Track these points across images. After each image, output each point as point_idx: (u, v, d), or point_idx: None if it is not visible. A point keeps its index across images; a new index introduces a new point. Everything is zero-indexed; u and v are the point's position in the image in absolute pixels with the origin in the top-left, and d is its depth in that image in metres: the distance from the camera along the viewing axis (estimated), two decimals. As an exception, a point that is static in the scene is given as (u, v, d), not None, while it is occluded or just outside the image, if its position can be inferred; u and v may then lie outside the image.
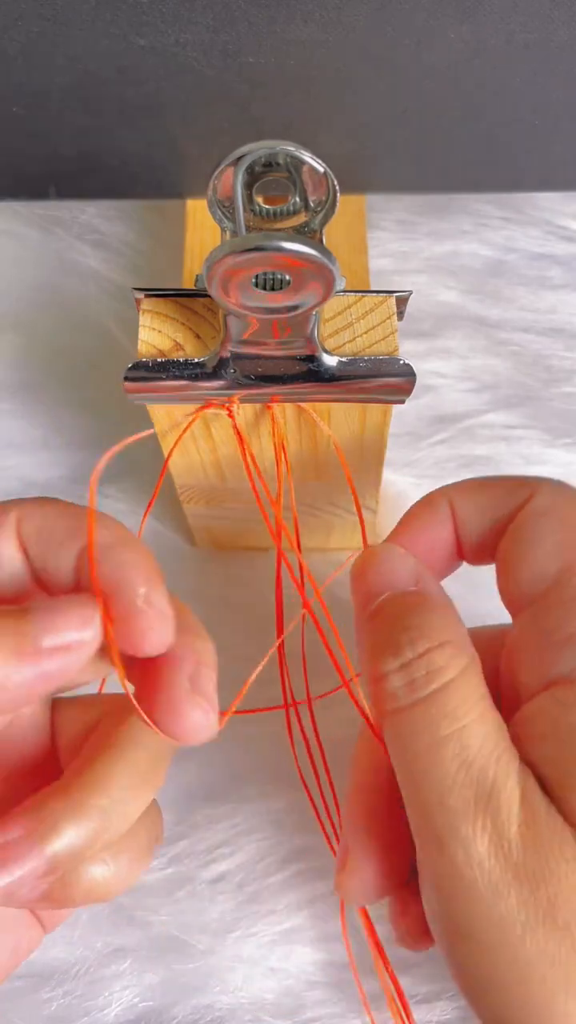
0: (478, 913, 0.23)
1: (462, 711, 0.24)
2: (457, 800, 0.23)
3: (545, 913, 0.22)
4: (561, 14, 0.33)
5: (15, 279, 0.49)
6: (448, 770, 0.24)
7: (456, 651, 0.25)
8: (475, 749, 0.24)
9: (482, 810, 0.23)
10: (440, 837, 0.24)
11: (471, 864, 0.23)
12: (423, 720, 0.24)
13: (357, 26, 0.33)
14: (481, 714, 0.24)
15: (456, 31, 0.34)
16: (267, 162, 0.26)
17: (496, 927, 0.23)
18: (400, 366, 0.29)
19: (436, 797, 0.24)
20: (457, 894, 0.23)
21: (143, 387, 0.29)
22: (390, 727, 0.25)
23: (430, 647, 0.25)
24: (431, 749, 0.24)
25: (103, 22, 0.33)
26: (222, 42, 0.34)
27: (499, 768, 0.24)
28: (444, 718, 0.24)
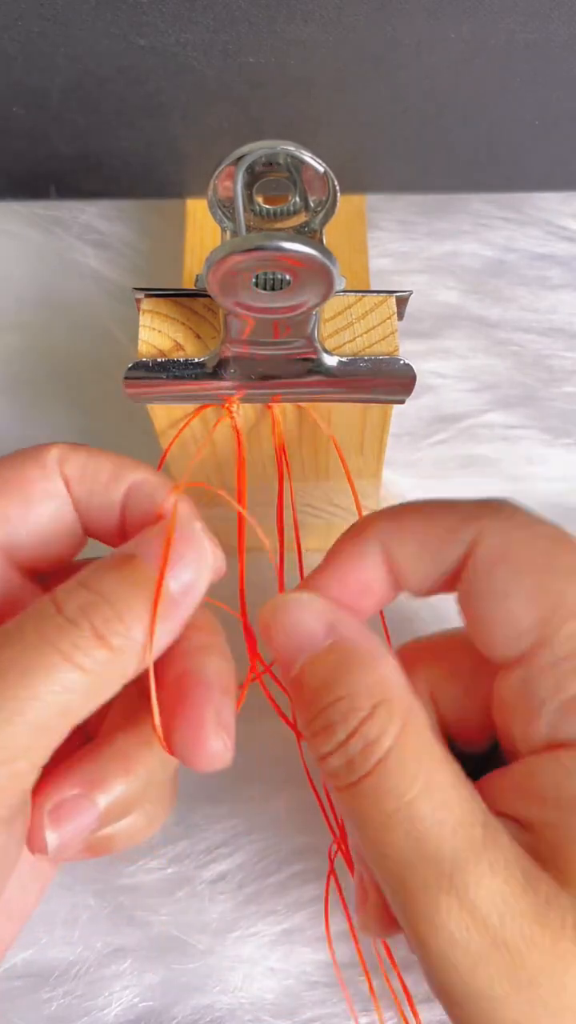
0: (459, 984, 0.22)
1: (405, 784, 0.23)
2: (417, 882, 0.22)
3: (527, 984, 0.21)
4: (561, 14, 0.33)
5: (15, 279, 0.49)
6: (402, 851, 0.22)
7: (388, 713, 0.23)
8: (427, 824, 0.22)
9: (445, 889, 0.22)
10: (409, 917, 0.22)
11: (443, 940, 0.22)
12: (368, 799, 0.23)
13: (357, 26, 0.33)
14: (427, 782, 0.23)
15: (456, 31, 0.34)
16: (267, 162, 0.26)
17: (477, 998, 0.22)
18: (400, 366, 0.29)
19: (397, 879, 0.23)
20: (435, 965, 0.22)
21: (143, 387, 0.29)
22: (341, 803, 0.24)
23: (362, 718, 0.23)
24: (382, 827, 0.23)
25: (103, 22, 0.33)
26: (222, 42, 0.34)
27: (458, 840, 0.22)
28: (388, 794, 0.23)
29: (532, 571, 0.24)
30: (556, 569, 0.25)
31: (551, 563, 0.25)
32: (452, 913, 0.22)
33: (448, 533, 0.26)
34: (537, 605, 0.24)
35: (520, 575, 0.25)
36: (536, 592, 0.24)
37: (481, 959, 0.21)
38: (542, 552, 0.25)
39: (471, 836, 0.22)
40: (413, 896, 0.22)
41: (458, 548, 0.25)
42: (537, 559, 0.25)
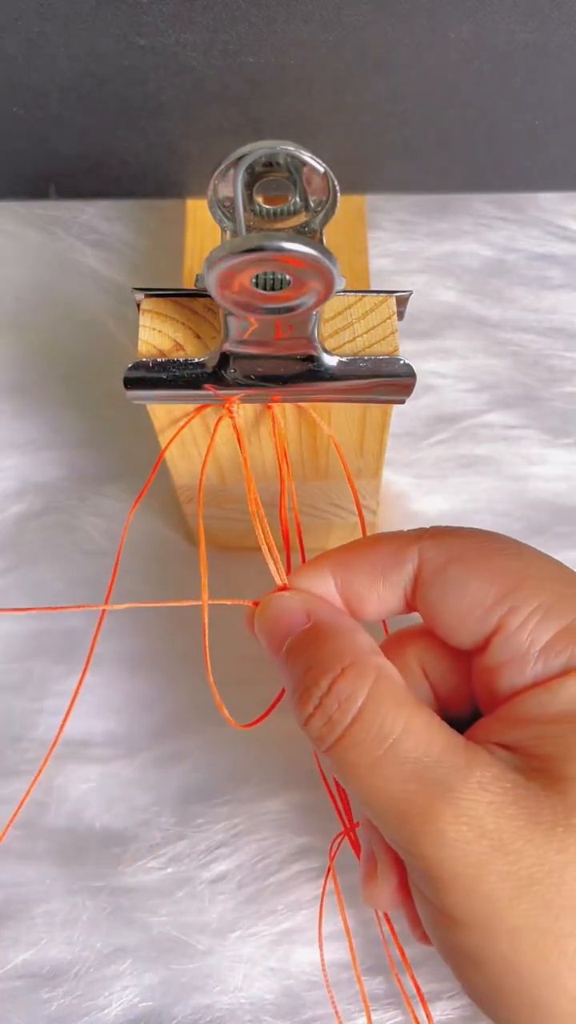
0: (465, 897, 0.24)
1: (387, 727, 0.25)
2: (414, 810, 0.24)
3: (527, 883, 0.23)
4: (561, 14, 0.33)
5: (15, 279, 0.49)
6: (395, 787, 0.24)
7: (358, 671, 0.26)
8: (413, 757, 0.25)
9: (442, 807, 0.24)
10: (412, 846, 0.24)
11: (448, 855, 0.24)
12: (354, 750, 0.25)
13: (357, 26, 0.33)
14: (407, 722, 0.25)
15: (456, 31, 0.34)
16: (267, 162, 0.26)
17: (483, 906, 0.24)
18: (400, 366, 0.29)
19: (394, 814, 0.25)
20: (442, 887, 0.24)
21: (143, 387, 0.29)
22: (330, 763, 0.26)
23: (334, 678, 0.26)
24: (372, 772, 0.25)
25: (103, 22, 0.33)
26: (222, 42, 0.34)
27: (445, 766, 0.24)
28: (372, 741, 0.25)
29: (477, 562, 0.28)
30: (497, 555, 0.28)
31: (491, 553, 0.28)
32: (452, 826, 0.24)
33: (394, 558, 0.29)
34: (492, 585, 0.27)
35: (467, 568, 0.27)
36: (486, 576, 0.27)
37: (483, 864, 0.23)
38: (480, 548, 0.28)
39: (456, 760, 0.24)
40: (413, 824, 0.24)
41: (407, 567, 0.28)
42: (478, 552, 0.28)
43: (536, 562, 0.28)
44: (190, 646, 0.42)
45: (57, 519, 0.44)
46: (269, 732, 0.39)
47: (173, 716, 0.40)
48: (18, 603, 0.42)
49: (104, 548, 0.43)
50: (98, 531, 0.44)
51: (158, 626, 0.42)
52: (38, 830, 0.38)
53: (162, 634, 0.42)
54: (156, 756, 0.40)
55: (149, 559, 0.43)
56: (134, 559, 0.43)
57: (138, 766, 0.40)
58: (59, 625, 0.42)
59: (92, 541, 0.43)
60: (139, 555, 0.43)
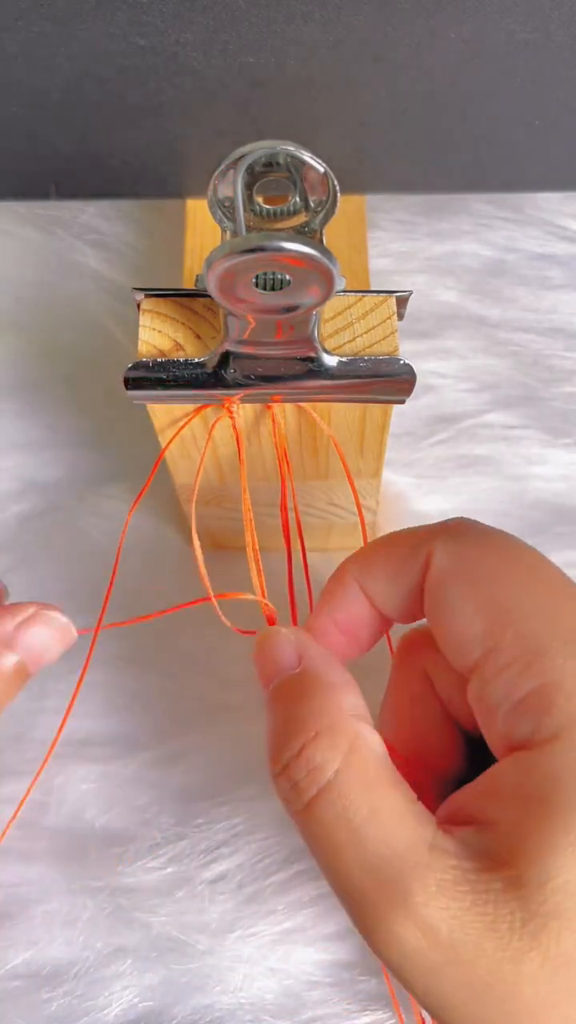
0: (421, 997, 0.23)
1: (351, 811, 0.24)
2: (369, 904, 0.23)
3: (482, 991, 0.22)
4: (560, 14, 0.33)
5: (15, 279, 0.49)
6: (354, 875, 0.23)
7: (332, 740, 0.24)
8: (375, 849, 0.23)
9: (397, 911, 0.23)
10: (367, 935, 0.23)
11: (400, 961, 0.23)
12: (317, 826, 0.24)
13: (357, 26, 0.33)
14: (373, 809, 0.24)
15: (456, 31, 0.34)
16: (267, 162, 0.26)
17: (438, 1008, 0.23)
18: (400, 366, 0.29)
19: (350, 902, 0.24)
20: (399, 977, 0.23)
21: (143, 387, 0.29)
22: (296, 824, 0.25)
23: (305, 742, 0.25)
24: (333, 854, 0.24)
25: (103, 22, 0.33)
26: (222, 42, 0.34)
27: (406, 864, 0.23)
28: (334, 822, 0.24)
29: (475, 585, 0.26)
30: (497, 580, 0.26)
31: (493, 576, 0.26)
32: (405, 932, 0.22)
33: (404, 561, 0.27)
34: (482, 616, 0.25)
35: (464, 590, 0.26)
36: (480, 604, 0.25)
37: (436, 972, 0.22)
38: (485, 566, 0.26)
39: (418, 859, 0.23)
40: (368, 917, 0.23)
41: (415, 572, 0.27)
42: (480, 573, 0.26)
43: (537, 591, 0.26)
44: (191, 646, 0.42)
45: (57, 519, 0.44)
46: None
47: (173, 716, 0.40)
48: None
49: (104, 548, 0.43)
50: (98, 531, 0.44)
51: (158, 626, 0.42)
52: (38, 830, 0.38)
53: (162, 634, 0.42)
54: (156, 756, 0.40)
55: (149, 559, 0.43)
56: (134, 559, 0.43)
57: (138, 766, 0.39)
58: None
59: (92, 541, 0.43)
60: (139, 555, 0.43)
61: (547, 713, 0.24)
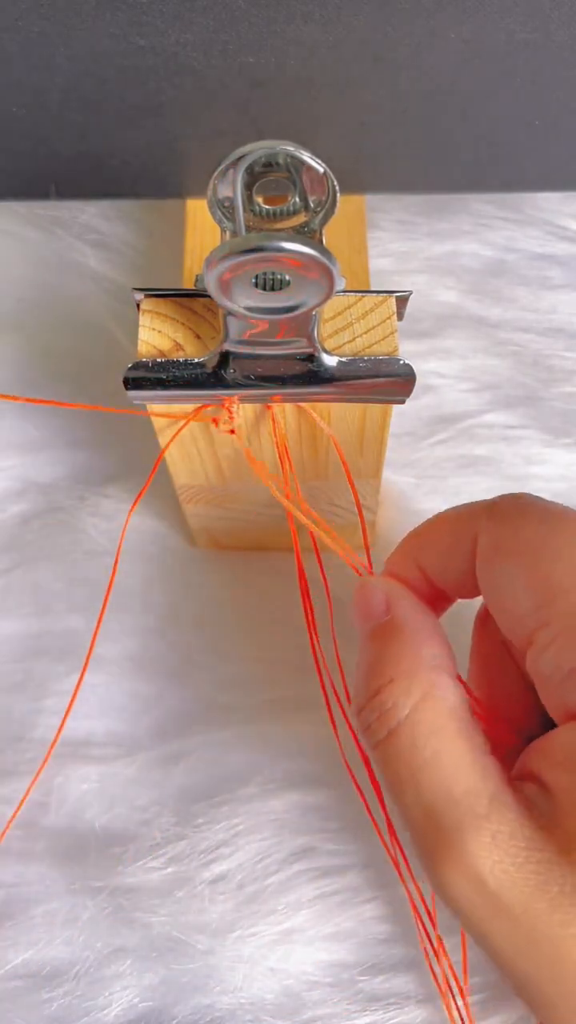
0: (473, 932, 0.24)
1: (416, 754, 0.25)
2: (428, 846, 0.24)
3: (527, 944, 0.23)
4: (560, 14, 0.33)
5: (15, 279, 0.49)
6: (416, 815, 0.24)
7: (406, 686, 0.26)
8: (433, 794, 0.24)
9: (451, 856, 0.23)
10: (426, 872, 0.24)
11: (453, 902, 0.24)
12: (386, 762, 0.25)
13: (357, 26, 0.33)
14: (436, 754, 0.25)
15: (456, 31, 0.34)
16: (267, 162, 0.26)
17: (489, 951, 0.24)
18: (400, 366, 0.29)
19: (413, 836, 0.25)
20: (459, 918, 0.24)
21: (143, 387, 0.29)
22: (371, 758, 0.26)
23: (380, 686, 0.26)
24: (397, 790, 0.25)
25: (103, 22, 0.33)
26: (222, 42, 0.34)
27: (462, 811, 0.24)
28: (399, 761, 0.25)
29: (523, 559, 0.26)
30: (546, 553, 0.26)
31: (541, 548, 0.26)
32: (457, 879, 0.23)
33: (454, 539, 0.28)
34: (530, 593, 0.25)
35: (510, 567, 0.26)
36: (529, 578, 0.26)
37: (486, 922, 0.23)
38: (533, 538, 0.26)
39: (475, 808, 0.24)
40: (425, 857, 0.24)
41: (466, 550, 0.28)
42: (527, 546, 0.26)
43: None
44: (191, 646, 0.42)
45: (57, 519, 0.44)
46: (269, 732, 0.40)
47: (174, 716, 0.40)
48: (18, 603, 0.42)
49: (104, 548, 0.43)
50: (98, 531, 0.44)
51: (159, 626, 0.42)
52: (38, 830, 0.38)
53: (163, 634, 0.42)
54: (156, 756, 0.40)
55: (149, 559, 0.43)
56: (134, 559, 0.43)
57: (139, 766, 0.39)
58: (59, 625, 0.42)
59: (92, 541, 0.43)
60: (139, 555, 0.43)
61: None
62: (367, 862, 0.37)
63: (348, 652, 0.37)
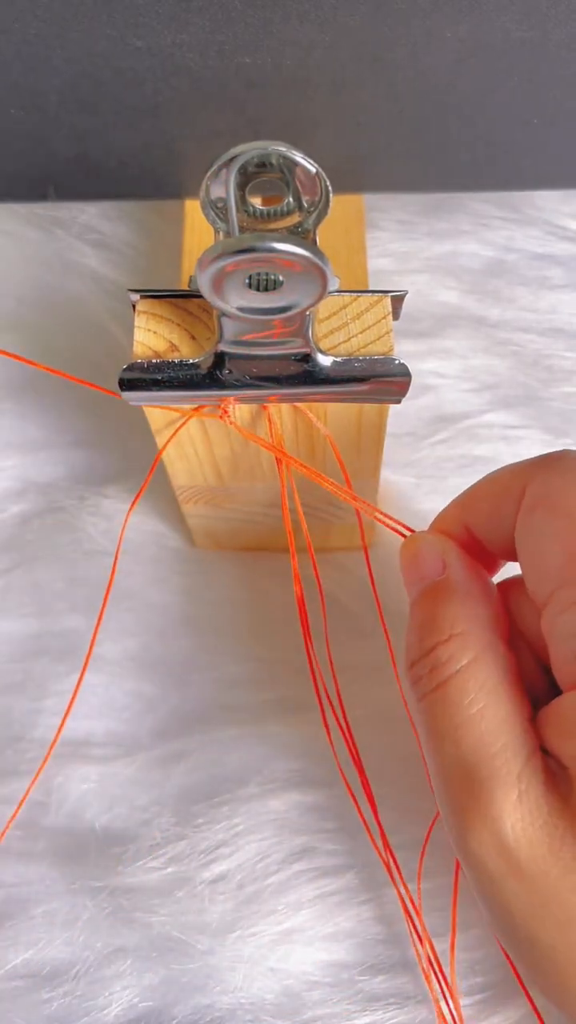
0: (488, 892, 0.24)
1: (461, 707, 0.25)
2: (456, 795, 0.24)
3: (541, 905, 0.23)
4: (558, 12, 0.33)
5: (15, 279, 0.49)
6: (449, 764, 0.25)
7: (461, 644, 0.26)
8: (472, 746, 0.25)
9: (478, 809, 0.24)
10: (450, 824, 0.25)
11: (473, 855, 0.24)
12: (431, 712, 0.26)
13: (354, 26, 0.33)
14: (481, 710, 0.25)
15: (453, 30, 0.34)
16: (260, 163, 0.26)
17: (502, 910, 0.24)
18: (395, 366, 0.29)
19: (444, 792, 0.25)
20: (471, 872, 0.25)
21: (138, 388, 0.29)
22: (415, 712, 0.27)
23: (438, 641, 0.26)
24: (438, 739, 0.25)
25: (100, 23, 0.33)
26: (219, 43, 0.34)
27: (496, 766, 0.24)
28: (445, 712, 0.25)
29: (563, 515, 0.25)
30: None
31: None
32: (480, 832, 0.24)
33: (504, 491, 0.28)
34: (561, 549, 0.25)
35: (551, 518, 0.26)
36: (561, 537, 0.25)
37: (499, 879, 0.24)
38: (572, 499, 0.26)
39: (509, 766, 0.24)
40: (454, 812, 0.24)
41: (514, 503, 0.27)
42: (566, 505, 0.25)
43: None
44: (191, 646, 0.42)
45: (57, 519, 0.44)
46: (269, 732, 0.40)
47: (173, 716, 0.40)
48: (18, 603, 0.43)
49: (104, 548, 0.43)
50: (98, 531, 0.44)
51: (159, 626, 0.42)
52: (38, 830, 0.38)
53: (163, 634, 0.42)
54: (156, 756, 0.40)
55: (149, 559, 0.43)
56: (134, 559, 0.43)
57: (139, 766, 0.40)
58: (59, 625, 0.42)
59: (92, 541, 0.43)
60: (139, 555, 0.43)
61: None
62: (367, 862, 0.37)
63: (339, 654, 0.37)
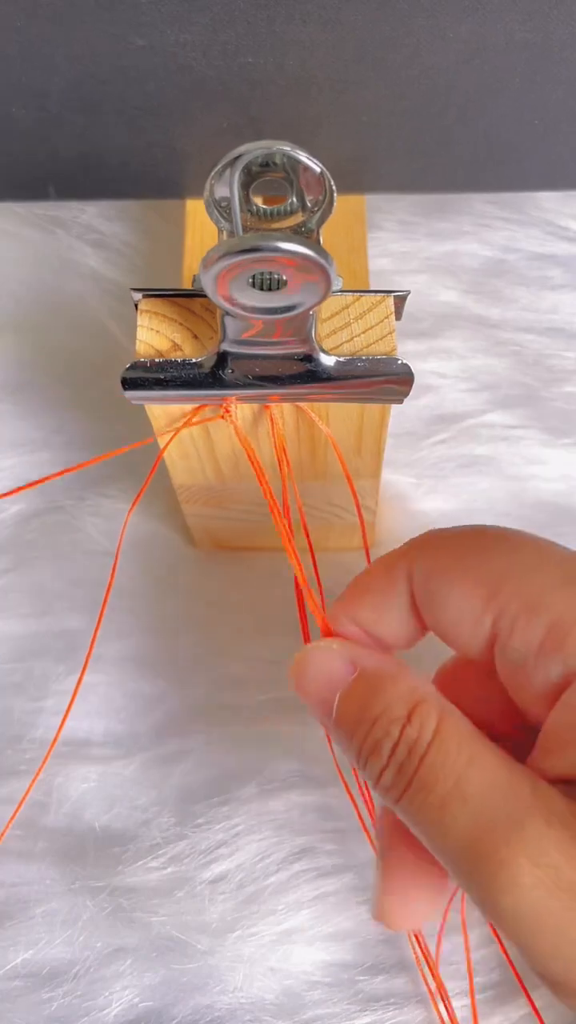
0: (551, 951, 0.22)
1: (452, 763, 0.24)
2: (485, 852, 0.23)
3: None
4: (560, 13, 0.33)
5: (15, 279, 0.49)
6: (464, 827, 0.23)
7: (426, 710, 0.25)
8: (481, 793, 0.23)
9: (514, 849, 0.22)
10: (487, 896, 0.23)
11: (527, 907, 0.22)
12: (422, 792, 0.24)
13: (356, 26, 0.33)
14: (471, 757, 0.24)
15: (455, 31, 0.34)
16: (264, 162, 0.26)
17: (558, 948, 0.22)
18: (398, 366, 0.29)
19: (465, 858, 0.23)
20: (516, 927, 0.23)
21: (141, 388, 0.29)
22: (400, 812, 0.25)
23: (402, 725, 0.25)
24: (441, 813, 0.23)
25: (102, 22, 0.33)
26: (221, 42, 0.34)
27: (512, 803, 0.23)
28: (439, 778, 0.24)
29: (460, 564, 0.26)
30: (480, 557, 0.26)
31: (475, 552, 0.26)
32: (522, 871, 0.22)
33: (388, 582, 0.28)
34: (478, 587, 0.25)
35: (453, 572, 0.26)
36: (472, 577, 0.26)
37: (555, 908, 0.22)
38: (466, 548, 0.27)
39: (522, 798, 0.23)
40: (485, 870, 0.23)
41: (403, 588, 0.27)
42: (463, 554, 0.26)
43: (525, 553, 0.26)
44: (191, 645, 0.42)
45: (57, 519, 0.44)
46: (269, 732, 0.40)
47: (173, 716, 0.40)
48: (18, 603, 0.42)
49: (104, 548, 0.43)
50: (98, 531, 0.44)
51: (159, 626, 0.42)
52: (38, 830, 0.38)
53: (163, 634, 0.42)
54: (156, 756, 0.40)
55: (149, 559, 0.43)
56: (134, 559, 0.43)
57: (138, 766, 0.40)
58: (59, 625, 0.42)
59: (92, 541, 0.43)
60: (139, 555, 0.43)
61: (567, 638, 0.24)
62: (366, 862, 0.37)
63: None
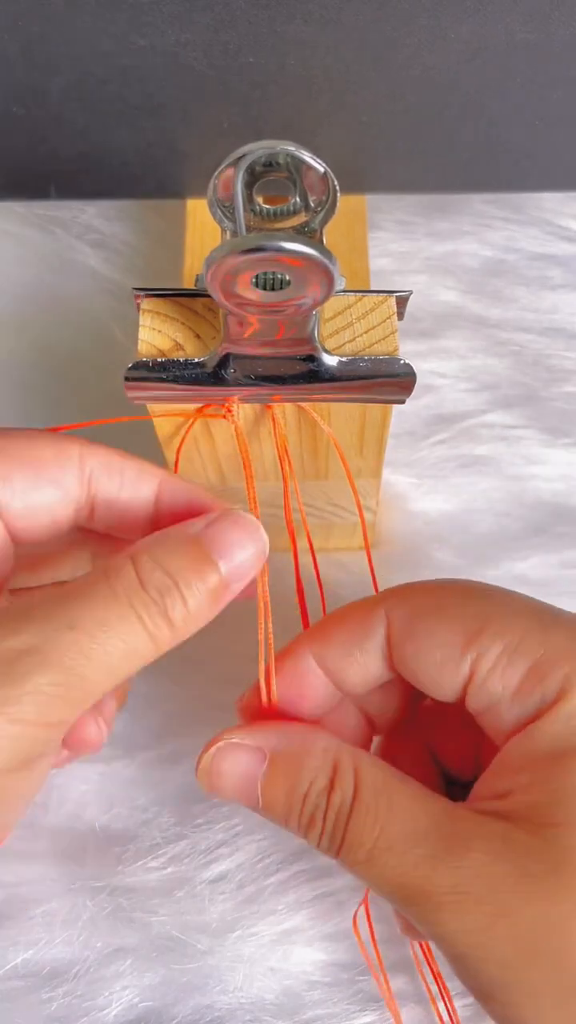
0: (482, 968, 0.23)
1: (372, 817, 0.25)
2: (413, 889, 0.24)
3: (533, 945, 0.23)
4: (561, 14, 0.33)
5: (15, 279, 0.49)
6: (393, 871, 0.24)
7: (341, 776, 0.25)
8: (402, 838, 0.24)
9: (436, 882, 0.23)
10: (425, 927, 0.24)
11: (454, 929, 0.23)
12: (352, 850, 0.25)
13: (357, 26, 0.33)
14: (389, 805, 0.25)
15: (456, 31, 0.34)
16: (267, 162, 0.26)
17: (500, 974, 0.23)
18: (400, 366, 0.29)
19: (400, 898, 0.24)
20: (462, 964, 0.24)
21: (143, 387, 0.29)
22: (341, 864, 0.26)
23: (328, 796, 0.25)
24: (371, 863, 0.25)
25: (103, 22, 0.33)
26: (222, 42, 0.34)
27: (433, 837, 0.24)
28: (363, 835, 0.25)
29: (442, 609, 0.27)
30: (461, 600, 0.28)
31: (454, 599, 0.28)
32: (449, 898, 0.23)
33: (363, 625, 0.28)
34: (458, 631, 0.27)
35: (434, 617, 0.27)
36: (453, 621, 0.27)
37: (488, 931, 0.23)
38: (444, 595, 0.28)
39: (442, 829, 0.24)
40: (417, 904, 0.24)
41: (378, 632, 0.28)
42: (442, 600, 0.28)
43: (502, 601, 0.28)
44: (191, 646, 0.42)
45: (57, 519, 0.44)
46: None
47: (173, 716, 0.40)
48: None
49: (104, 548, 0.43)
50: (98, 531, 0.44)
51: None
52: (38, 830, 0.38)
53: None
54: (156, 756, 0.40)
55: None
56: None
57: (138, 766, 0.39)
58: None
59: (92, 541, 0.43)
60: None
61: (545, 679, 0.25)
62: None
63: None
